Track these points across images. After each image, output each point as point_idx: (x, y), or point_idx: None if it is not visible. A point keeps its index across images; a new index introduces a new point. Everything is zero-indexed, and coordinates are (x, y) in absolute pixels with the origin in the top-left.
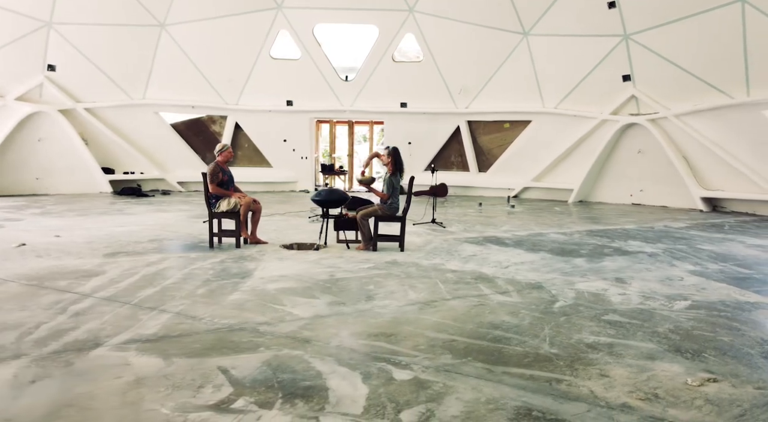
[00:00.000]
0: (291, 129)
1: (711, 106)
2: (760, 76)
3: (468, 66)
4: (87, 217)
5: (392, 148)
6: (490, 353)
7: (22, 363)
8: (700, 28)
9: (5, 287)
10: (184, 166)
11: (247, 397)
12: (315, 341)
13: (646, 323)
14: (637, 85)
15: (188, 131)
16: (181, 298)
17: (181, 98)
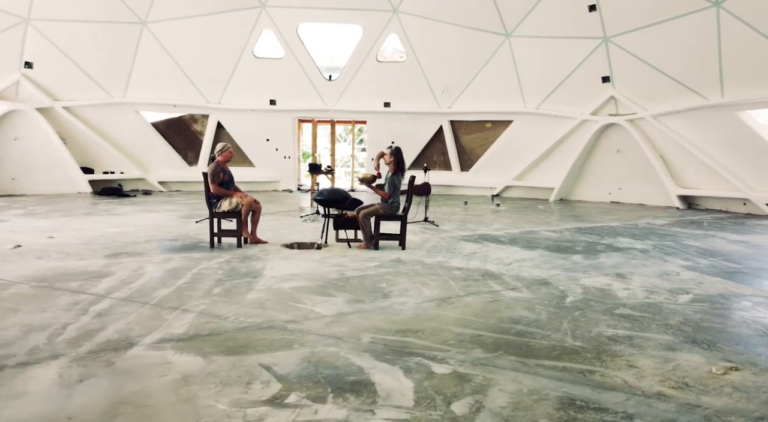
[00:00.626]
0: (274, 128)
1: (687, 107)
2: (734, 78)
3: (451, 66)
4: (74, 218)
5: (395, 147)
6: (519, 347)
7: (62, 363)
8: (677, 31)
9: (17, 289)
10: (165, 165)
11: (298, 392)
12: (346, 338)
13: (657, 316)
14: (616, 87)
15: (169, 130)
16: (199, 298)
17: (163, 97)
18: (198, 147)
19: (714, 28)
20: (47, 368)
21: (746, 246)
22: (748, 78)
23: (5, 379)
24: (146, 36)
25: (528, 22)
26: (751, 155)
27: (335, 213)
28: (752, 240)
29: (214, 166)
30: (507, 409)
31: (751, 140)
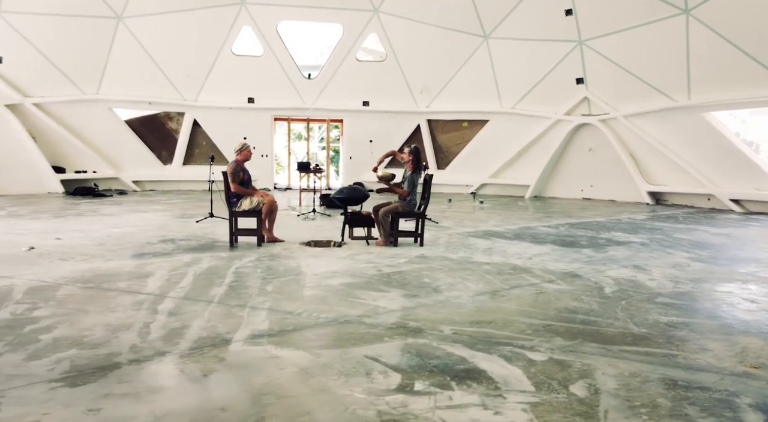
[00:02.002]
0: (252, 126)
1: (656, 108)
2: (701, 81)
3: (430, 66)
4: (66, 219)
5: (414, 147)
6: (592, 334)
7: (173, 360)
8: (648, 36)
9: (67, 290)
10: (139, 164)
11: (421, 381)
12: (428, 330)
13: (696, 303)
14: (590, 88)
15: (143, 128)
16: (258, 296)
17: (138, 94)
18: (173, 145)
19: (683, 34)
20: (162, 364)
21: (730, 239)
22: (713, 81)
23: (129, 376)
24: (122, 31)
25: (506, 24)
26: (715, 154)
27: (353, 211)
28: (732, 232)
29: (234, 165)
30: (621, 390)
31: (716, 140)
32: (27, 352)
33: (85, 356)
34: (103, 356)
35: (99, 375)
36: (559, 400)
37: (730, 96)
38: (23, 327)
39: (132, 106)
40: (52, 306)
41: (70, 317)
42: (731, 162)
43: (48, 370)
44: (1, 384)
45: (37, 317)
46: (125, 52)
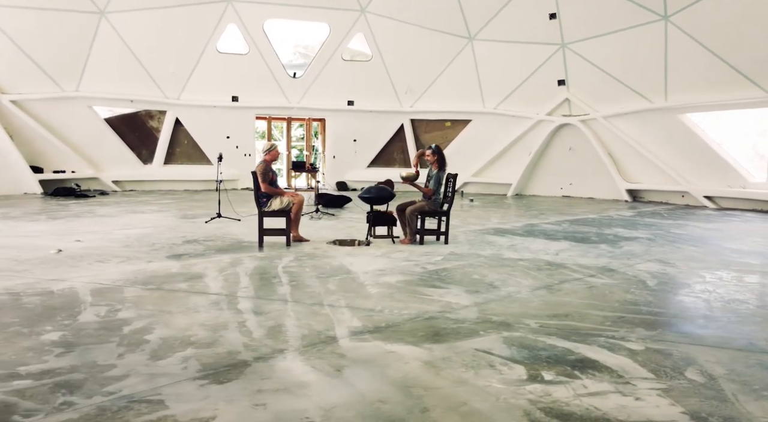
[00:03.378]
0: (235, 125)
1: (634, 109)
2: (677, 84)
3: (415, 67)
4: (66, 221)
5: (435, 146)
6: (666, 324)
7: (294, 357)
8: (628, 40)
9: (132, 292)
10: (119, 164)
11: (545, 371)
12: (515, 324)
13: (753, 293)
14: (571, 89)
15: (123, 127)
16: (327, 294)
17: (119, 91)
18: (153, 144)
19: (662, 39)
20: (288, 361)
21: (723, 233)
22: (689, 84)
23: (265, 372)
24: (104, 26)
25: (491, 26)
26: (690, 153)
27: (378, 211)
28: (720, 227)
29: (264, 165)
30: (733, 375)
31: (690, 140)
32: (145, 352)
33: (208, 355)
34: (225, 354)
35: (235, 372)
36: (684, 386)
37: (705, 98)
38: (120, 329)
39: (113, 104)
40: (131, 307)
41: (159, 318)
42: (704, 161)
43: (182, 369)
44: (148, 383)
45: (126, 318)
46: (107, 48)
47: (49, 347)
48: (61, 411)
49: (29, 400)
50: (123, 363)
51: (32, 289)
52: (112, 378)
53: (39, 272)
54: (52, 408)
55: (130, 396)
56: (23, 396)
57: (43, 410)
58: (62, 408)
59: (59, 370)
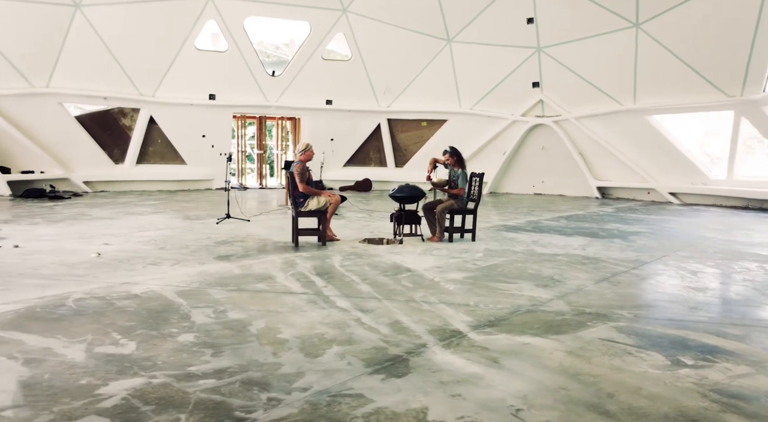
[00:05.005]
0: (211, 124)
1: (605, 111)
2: (646, 88)
3: (393, 67)
4: (67, 224)
5: (452, 148)
6: (748, 311)
7: (440, 350)
8: (601, 46)
9: (217, 293)
10: (90, 164)
11: (682, 357)
12: (610, 314)
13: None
14: (544, 91)
15: (95, 125)
16: (408, 291)
17: (92, 88)
18: (125, 143)
19: (632, 45)
20: (440, 355)
21: (705, 225)
22: (657, 88)
23: (429, 366)
24: (79, 20)
25: (470, 29)
26: (656, 152)
27: (408, 210)
28: (697, 221)
29: (301, 165)
30: None
31: (657, 140)
32: (296, 350)
33: (358, 351)
34: (373, 350)
35: (402, 366)
36: None
37: (671, 101)
38: (245, 329)
39: (85, 101)
40: (235, 308)
41: (273, 318)
42: (669, 159)
43: (347, 365)
44: (329, 379)
45: (241, 319)
46: (81, 42)
47: (196, 348)
48: (274, 406)
49: (234, 398)
50: (286, 361)
51: (116, 293)
52: (290, 376)
53: (103, 276)
54: (264, 404)
55: (325, 391)
56: (222, 393)
57: (256, 406)
58: (273, 404)
59: (231, 369)
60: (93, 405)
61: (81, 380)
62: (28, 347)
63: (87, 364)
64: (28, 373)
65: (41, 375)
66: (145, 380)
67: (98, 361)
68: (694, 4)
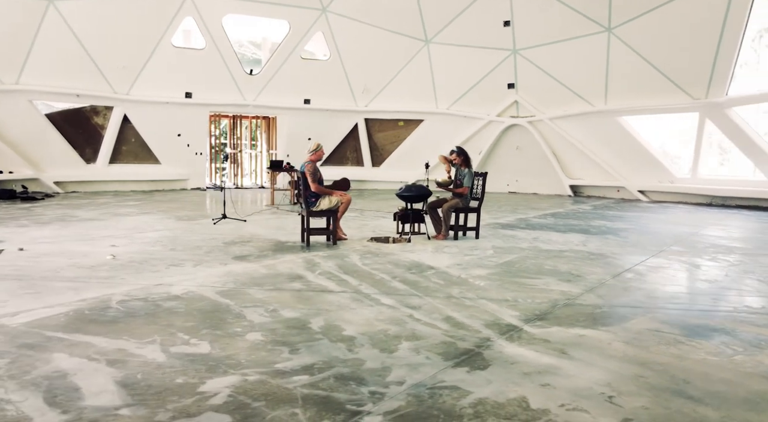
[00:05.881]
0: (187, 123)
1: (577, 111)
2: (617, 90)
3: (371, 67)
4: (61, 226)
5: (459, 147)
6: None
7: (505, 344)
8: (574, 49)
9: (257, 293)
10: (61, 163)
11: (731, 345)
12: (652, 308)
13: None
14: (519, 92)
15: (66, 123)
16: (442, 288)
17: (64, 85)
18: (98, 142)
19: (604, 49)
20: (507, 347)
21: (685, 221)
22: (627, 90)
23: (504, 358)
24: (52, 14)
25: (448, 30)
26: (626, 152)
27: (415, 209)
28: (674, 218)
29: (312, 165)
30: None
31: (627, 140)
32: (370, 347)
33: (428, 346)
34: (442, 344)
35: (479, 359)
36: None
37: (641, 103)
38: (305, 328)
39: (56, 99)
40: (284, 308)
41: (328, 315)
42: (638, 159)
43: (426, 359)
44: (417, 372)
45: (297, 318)
46: (54, 38)
47: (270, 346)
48: (380, 399)
49: (336, 392)
50: (365, 357)
51: (156, 294)
52: (377, 370)
53: (130, 278)
54: (369, 398)
55: (421, 384)
56: (322, 389)
57: (363, 400)
58: (377, 397)
59: (317, 366)
60: (203, 403)
61: (176, 379)
62: (101, 349)
63: (173, 364)
64: (119, 374)
65: (134, 376)
66: (239, 378)
67: (181, 361)
68: (664, 11)
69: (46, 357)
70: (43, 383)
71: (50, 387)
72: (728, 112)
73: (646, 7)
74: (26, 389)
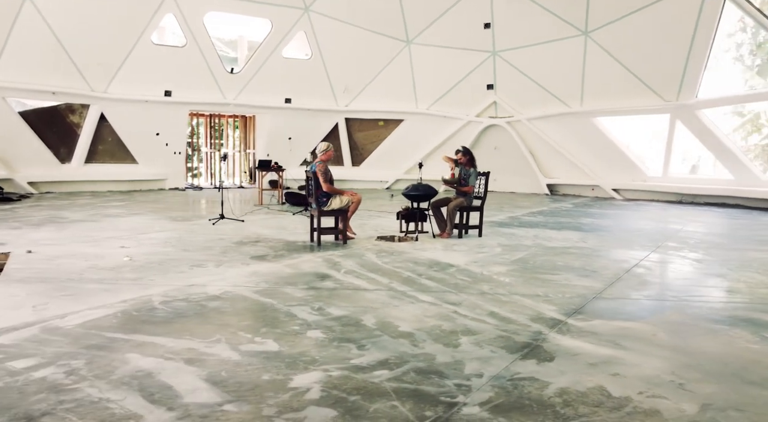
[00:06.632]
0: (166, 122)
1: (554, 112)
2: (592, 92)
3: (353, 67)
4: (57, 228)
5: (464, 147)
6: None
7: (558, 337)
8: (552, 52)
9: (294, 292)
10: (35, 163)
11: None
12: (675, 300)
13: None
14: (498, 93)
15: (40, 122)
16: (470, 284)
17: (39, 82)
18: (73, 142)
19: (581, 52)
20: (561, 340)
21: (664, 218)
22: (602, 92)
23: (563, 350)
24: (28, 9)
25: (429, 32)
26: (601, 151)
27: (419, 208)
28: (653, 215)
29: (324, 165)
30: None
31: (601, 140)
32: (431, 343)
33: (487, 340)
34: (498, 338)
35: (540, 351)
36: None
37: (615, 105)
38: (359, 324)
39: (31, 96)
40: (328, 306)
41: (374, 313)
42: (613, 158)
43: (491, 352)
44: (489, 365)
45: (347, 315)
46: (29, 33)
47: (336, 343)
48: (468, 391)
49: (423, 385)
50: (433, 352)
51: (195, 295)
52: (451, 364)
53: (159, 279)
54: (457, 390)
55: (500, 376)
56: (408, 382)
57: (452, 392)
58: (464, 389)
59: (391, 361)
60: (301, 398)
61: (261, 376)
62: (170, 348)
63: (250, 362)
64: (202, 372)
65: (218, 374)
66: (321, 374)
67: (257, 359)
68: (638, 16)
69: (120, 357)
70: (133, 382)
71: (143, 386)
72: (698, 114)
73: (621, 13)
74: (119, 388)
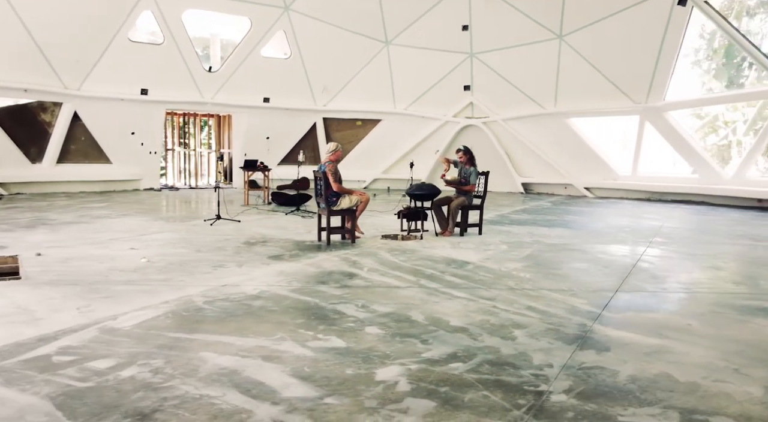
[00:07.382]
0: (142, 121)
1: (529, 113)
2: (566, 93)
3: (331, 67)
4: (51, 230)
5: (465, 147)
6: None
7: (606, 330)
8: (527, 54)
9: (329, 290)
10: (4, 163)
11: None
12: (695, 292)
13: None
14: (475, 94)
15: (10, 120)
16: (494, 281)
17: (10, 79)
18: (44, 141)
19: (556, 55)
20: (605, 331)
21: (644, 215)
22: (575, 93)
23: (612, 342)
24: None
25: (408, 33)
26: (574, 151)
27: (421, 207)
28: (627, 211)
29: (333, 165)
30: None
31: (574, 140)
32: (487, 336)
33: (538, 332)
34: (548, 331)
35: (592, 342)
36: None
37: (587, 106)
38: (410, 319)
39: (1, 93)
40: (371, 303)
41: (418, 309)
42: (585, 158)
43: (548, 343)
44: (552, 356)
45: (394, 312)
46: (1, 29)
47: (398, 338)
48: (547, 380)
49: (502, 376)
50: (494, 345)
51: (234, 295)
52: (517, 356)
53: (188, 280)
54: (536, 380)
55: (569, 366)
56: (486, 373)
57: (532, 381)
58: (542, 379)
59: (459, 355)
60: (393, 389)
61: (345, 370)
62: (241, 346)
63: (325, 358)
64: (285, 368)
65: (301, 369)
66: (400, 368)
67: (330, 354)
68: (611, 21)
69: (196, 356)
70: (223, 379)
71: (236, 383)
72: (665, 115)
73: (594, 17)
74: (211, 385)
